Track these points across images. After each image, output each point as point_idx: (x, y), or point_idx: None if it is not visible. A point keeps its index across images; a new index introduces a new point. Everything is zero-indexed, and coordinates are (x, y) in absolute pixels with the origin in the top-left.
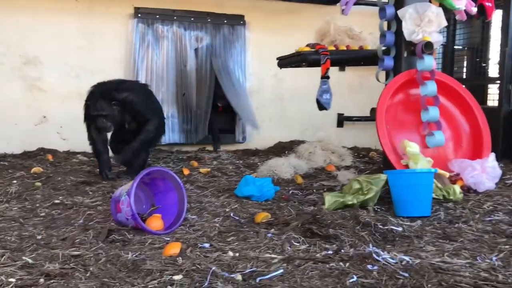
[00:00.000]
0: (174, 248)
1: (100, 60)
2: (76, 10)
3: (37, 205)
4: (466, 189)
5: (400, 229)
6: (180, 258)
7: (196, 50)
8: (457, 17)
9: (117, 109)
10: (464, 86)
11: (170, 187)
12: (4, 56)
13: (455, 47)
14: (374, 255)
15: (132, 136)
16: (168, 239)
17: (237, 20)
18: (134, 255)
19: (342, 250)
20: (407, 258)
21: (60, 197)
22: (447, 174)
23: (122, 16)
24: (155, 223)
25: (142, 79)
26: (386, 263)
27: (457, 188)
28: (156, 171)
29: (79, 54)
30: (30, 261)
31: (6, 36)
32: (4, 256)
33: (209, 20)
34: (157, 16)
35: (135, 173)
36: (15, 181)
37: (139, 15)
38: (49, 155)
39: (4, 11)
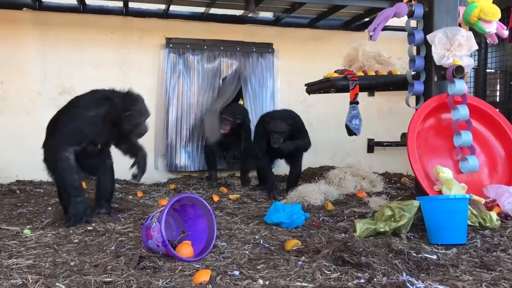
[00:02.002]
0: (204, 276)
1: (134, 88)
2: (111, 41)
3: (71, 231)
4: (504, 216)
5: (434, 257)
6: (210, 286)
7: (225, 78)
8: (488, 41)
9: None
10: (497, 109)
11: (200, 214)
12: (43, 87)
13: (488, 70)
14: (408, 284)
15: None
16: (198, 266)
17: (266, 48)
18: (165, 282)
19: (375, 279)
20: (442, 287)
21: (93, 224)
22: (483, 201)
23: (154, 46)
24: (185, 250)
25: (173, 107)
26: None
27: (493, 215)
28: (186, 198)
29: (113, 83)
30: (63, 287)
31: (46, 68)
32: (39, 282)
33: (238, 48)
34: (188, 46)
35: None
36: (50, 208)
37: (171, 45)
38: (83, 183)
39: (46, 45)
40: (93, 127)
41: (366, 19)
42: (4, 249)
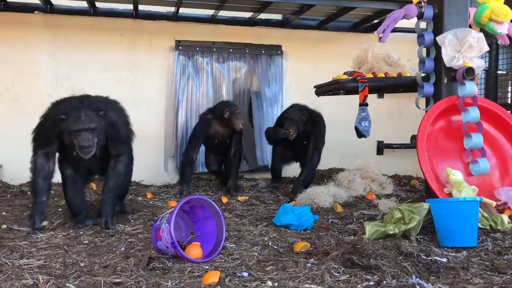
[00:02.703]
0: (213, 277)
1: (143, 91)
2: (121, 44)
3: (81, 232)
4: None
5: (444, 260)
6: (219, 287)
7: (234, 80)
8: (499, 42)
9: None
10: (509, 111)
11: (209, 215)
12: (53, 89)
13: (499, 72)
14: (418, 287)
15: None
16: (207, 267)
17: (275, 50)
18: (174, 283)
19: (384, 281)
20: None
21: (103, 225)
22: (494, 203)
23: (164, 49)
24: (195, 251)
25: (183, 109)
26: None
27: (505, 218)
28: (195, 199)
29: (123, 86)
30: (73, 287)
31: (56, 70)
32: (49, 283)
33: (247, 50)
34: (197, 48)
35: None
36: (60, 209)
37: (180, 47)
38: (93, 184)
39: (57, 48)
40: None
41: (376, 21)
42: (16, 250)
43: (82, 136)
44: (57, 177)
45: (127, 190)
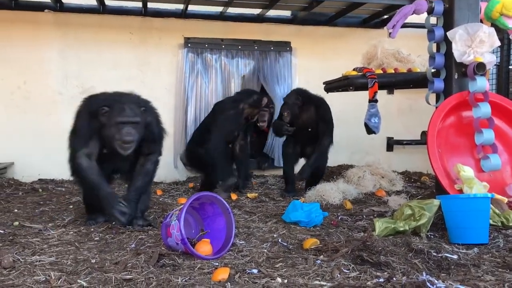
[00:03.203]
0: (222, 274)
1: (152, 89)
2: (130, 41)
3: (92, 229)
4: None
5: (455, 256)
6: (229, 283)
7: (243, 77)
8: (511, 37)
9: None
10: None
11: (218, 212)
12: (63, 87)
13: (510, 67)
14: (428, 284)
15: None
16: (217, 264)
17: (283, 47)
18: (184, 280)
19: (394, 278)
20: (463, 287)
21: (113, 222)
22: (505, 200)
23: (173, 46)
24: (204, 248)
25: (192, 106)
26: None
27: None
28: (204, 196)
29: (133, 83)
30: (85, 284)
31: (66, 68)
32: (61, 279)
33: (256, 47)
34: (206, 45)
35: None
36: (71, 206)
37: (189, 44)
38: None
39: (67, 46)
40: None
41: (385, 16)
42: (28, 246)
43: (126, 129)
44: (67, 174)
45: (148, 205)
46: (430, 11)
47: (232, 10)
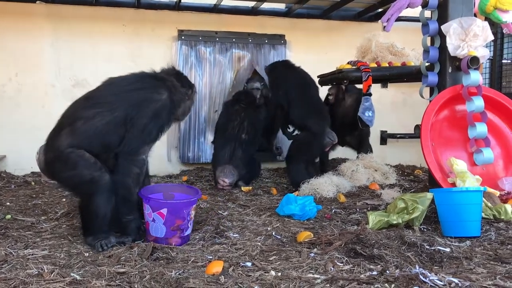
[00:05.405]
0: (216, 267)
1: None
2: (123, 33)
3: None
4: None
5: (448, 249)
6: (223, 276)
7: (237, 70)
8: (504, 31)
9: None
10: None
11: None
12: (56, 79)
13: (503, 61)
14: (421, 277)
15: None
16: (210, 257)
17: (278, 40)
18: (178, 273)
19: (387, 271)
20: (456, 280)
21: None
22: (497, 193)
23: (166, 38)
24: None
25: None
26: (434, 285)
27: (508, 207)
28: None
29: None
30: (78, 277)
31: (59, 60)
32: (54, 273)
33: (250, 40)
34: (200, 38)
35: None
36: (64, 200)
37: (183, 37)
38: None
39: (59, 38)
40: None
41: (380, 10)
42: (20, 240)
43: None
44: None
45: None
46: (425, 5)
47: (226, 3)
